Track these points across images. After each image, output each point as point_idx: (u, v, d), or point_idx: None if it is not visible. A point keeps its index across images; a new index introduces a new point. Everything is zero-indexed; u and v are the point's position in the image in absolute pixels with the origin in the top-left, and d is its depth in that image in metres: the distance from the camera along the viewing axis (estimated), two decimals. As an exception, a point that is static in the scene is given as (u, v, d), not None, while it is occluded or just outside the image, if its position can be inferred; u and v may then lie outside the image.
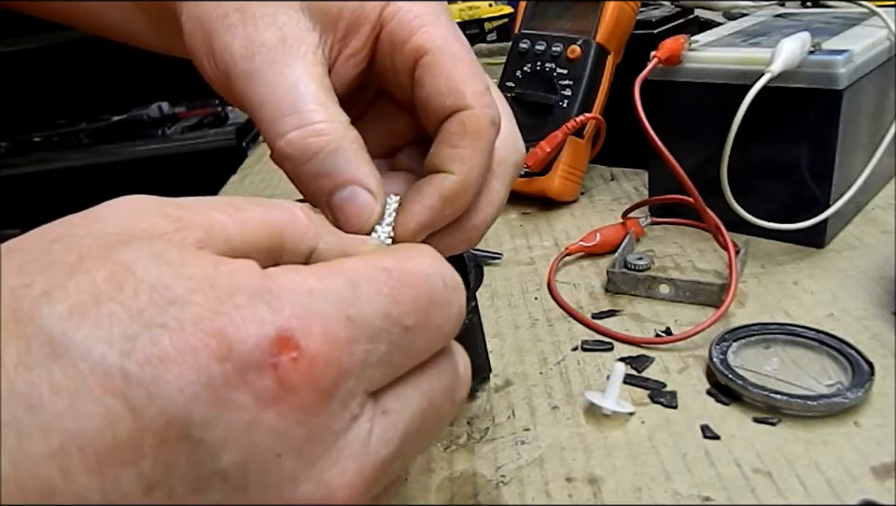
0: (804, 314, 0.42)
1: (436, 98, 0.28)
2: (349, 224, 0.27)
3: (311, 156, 0.26)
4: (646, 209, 0.56)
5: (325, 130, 0.26)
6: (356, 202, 0.26)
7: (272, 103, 0.26)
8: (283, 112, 0.26)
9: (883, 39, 0.50)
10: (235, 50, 0.27)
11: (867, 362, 0.36)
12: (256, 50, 0.27)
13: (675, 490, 0.31)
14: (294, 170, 0.26)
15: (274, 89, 0.26)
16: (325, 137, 0.26)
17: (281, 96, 0.26)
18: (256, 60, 0.27)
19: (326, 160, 0.26)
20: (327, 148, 0.26)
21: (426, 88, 0.28)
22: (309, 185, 0.27)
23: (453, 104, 0.28)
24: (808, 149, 0.48)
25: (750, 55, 0.48)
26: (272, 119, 0.26)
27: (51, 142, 1.93)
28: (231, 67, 0.27)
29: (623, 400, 0.36)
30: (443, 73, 0.28)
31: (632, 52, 0.60)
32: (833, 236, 0.50)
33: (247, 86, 0.27)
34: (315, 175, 0.26)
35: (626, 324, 0.44)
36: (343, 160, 0.26)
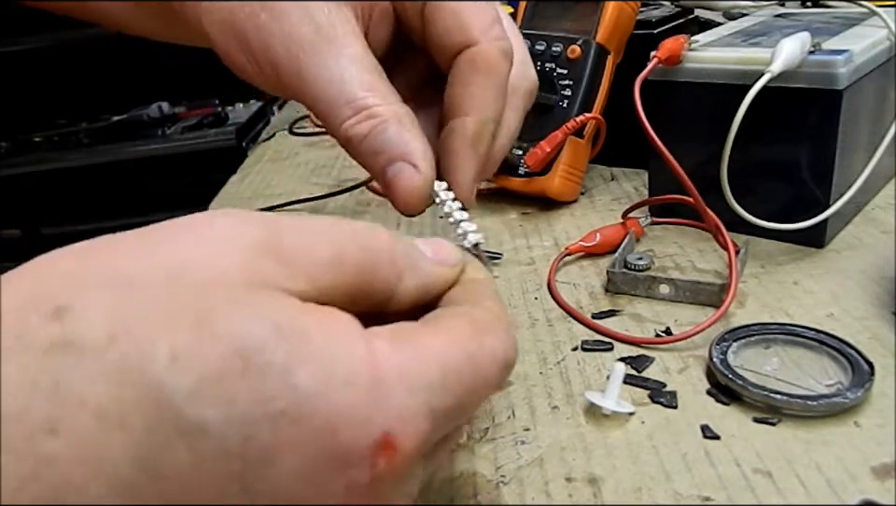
0: (804, 314, 0.42)
1: (444, 35, 0.29)
2: (398, 197, 0.29)
3: (364, 136, 0.28)
4: (646, 209, 0.56)
5: (376, 112, 0.28)
6: (403, 176, 0.28)
7: (325, 98, 0.28)
8: (337, 104, 0.28)
9: (883, 39, 0.50)
10: (278, 51, 0.28)
11: (867, 362, 0.36)
12: (297, 49, 0.28)
13: (675, 490, 0.31)
14: (355, 150, 0.29)
15: (324, 84, 0.28)
16: (375, 119, 0.28)
17: (333, 90, 0.28)
18: (300, 58, 0.28)
19: (377, 138, 0.28)
20: (377, 127, 0.28)
21: (435, 25, 0.29)
22: (367, 161, 0.29)
23: (460, 40, 0.29)
24: (808, 149, 0.48)
25: (750, 55, 0.48)
26: (328, 112, 0.28)
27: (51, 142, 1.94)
28: (277, 66, 0.28)
29: (623, 400, 0.36)
30: (450, 8, 0.29)
31: (632, 52, 0.60)
32: (833, 236, 0.50)
33: (298, 84, 0.28)
34: (370, 152, 0.28)
35: (626, 324, 0.44)
36: (392, 138, 0.28)
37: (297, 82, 0.28)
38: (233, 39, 0.29)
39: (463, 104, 0.29)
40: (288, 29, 0.28)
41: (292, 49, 0.28)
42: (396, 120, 0.28)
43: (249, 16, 0.28)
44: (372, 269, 0.22)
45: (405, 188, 0.28)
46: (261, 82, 0.30)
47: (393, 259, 0.22)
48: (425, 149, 0.28)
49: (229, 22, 0.29)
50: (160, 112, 1.98)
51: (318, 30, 0.28)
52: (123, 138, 1.91)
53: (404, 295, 0.23)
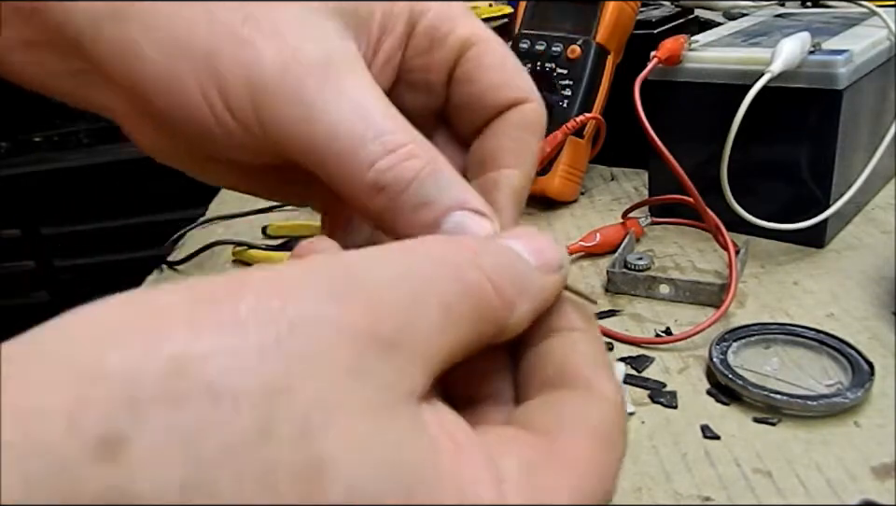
0: (804, 314, 0.42)
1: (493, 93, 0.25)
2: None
3: (408, 183, 0.21)
4: (646, 209, 0.56)
5: (416, 151, 0.21)
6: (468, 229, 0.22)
7: (344, 131, 0.21)
8: (363, 139, 0.21)
9: (883, 39, 0.50)
10: (271, 68, 0.21)
11: (867, 362, 0.36)
12: (302, 70, 0.21)
13: (675, 490, 0.31)
14: (388, 203, 0.22)
15: (342, 113, 0.21)
16: (419, 160, 0.21)
17: (353, 121, 0.21)
18: (305, 81, 0.21)
19: (424, 185, 0.21)
20: (424, 172, 0.21)
21: (477, 83, 0.25)
22: (406, 219, 0.22)
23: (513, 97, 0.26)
24: (808, 149, 0.48)
25: (750, 55, 0.48)
26: (349, 150, 0.21)
27: (51, 142, 1.93)
28: (263, 92, 0.21)
29: (624, 400, 0.36)
30: (496, 65, 0.25)
31: (632, 52, 0.60)
32: (833, 236, 0.50)
33: (302, 115, 0.21)
34: (414, 205, 0.22)
35: (626, 324, 0.44)
36: (443, 183, 0.22)
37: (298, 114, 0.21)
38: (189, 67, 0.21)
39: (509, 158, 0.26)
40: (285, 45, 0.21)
41: (294, 69, 0.21)
42: (444, 163, 0.22)
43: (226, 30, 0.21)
44: (481, 314, 0.17)
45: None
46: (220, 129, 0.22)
47: (501, 288, 0.18)
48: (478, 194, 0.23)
49: (184, 43, 0.21)
50: (160, 112, 1.98)
51: (327, 54, 0.22)
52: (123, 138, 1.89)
53: (517, 327, 0.19)
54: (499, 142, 0.26)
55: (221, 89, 0.21)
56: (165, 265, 0.59)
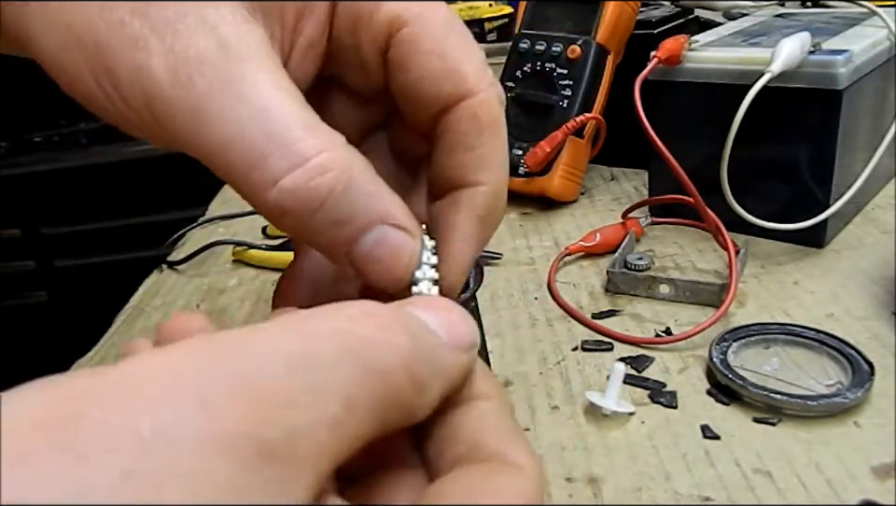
0: (804, 314, 0.42)
1: (429, 84, 0.22)
2: (386, 274, 0.20)
3: (319, 203, 0.19)
4: (646, 209, 0.56)
5: (328, 163, 0.19)
6: (388, 244, 0.20)
7: (240, 142, 0.18)
8: (262, 151, 0.18)
9: (883, 39, 0.50)
10: (157, 73, 0.18)
11: (867, 362, 0.36)
12: (192, 70, 0.18)
13: (675, 490, 0.31)
14: (297, 223, 0.19)
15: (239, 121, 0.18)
16: (331, 173, 0.19)
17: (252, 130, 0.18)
18: (197, 84, 0.18)
19: (339, 202, 0.19)
20: (338, 187, 0.19)
21: (412, 71, 0.22)
22: (322, 237, 0.20)
23: (453, 90, 0.22)
24: (808, 149, 0.48)
25: (750, 55, 0.48)
26: (246, 164, 0.18)
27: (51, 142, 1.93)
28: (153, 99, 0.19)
29: (623, 400, 0.36)
30: (432, 49, 0.21)
31: (632, 52, 0.60)
32: (833, 236, 0.50)
33: (192, 124, 0.18)
34: (329, 224, 0.19)
35: (626, 324, 0.44)
36: (359, 196, 0.19)
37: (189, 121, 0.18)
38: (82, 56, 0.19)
39: (471, 170, 0.22)
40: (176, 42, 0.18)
41: (183, 69, 0.18)
42: (358, 170, 0.19)
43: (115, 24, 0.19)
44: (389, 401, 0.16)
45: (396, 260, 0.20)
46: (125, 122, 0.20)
47: (411, 371, 0.16)
48: (402, 203, 0.21)
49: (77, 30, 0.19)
50: (160, 112, 1.99)
51: (225, 46, 0.19)
52: (123, 138, 1.90)
53: (426, 410, 0.17)
54: (453, 154, 0.22)
55: (115, 85, 0.19)
56: (165, 265, 0.59)
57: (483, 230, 0.23)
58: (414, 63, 0.22)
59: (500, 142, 0.23)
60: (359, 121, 0.25)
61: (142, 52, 0.19)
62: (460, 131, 0.22)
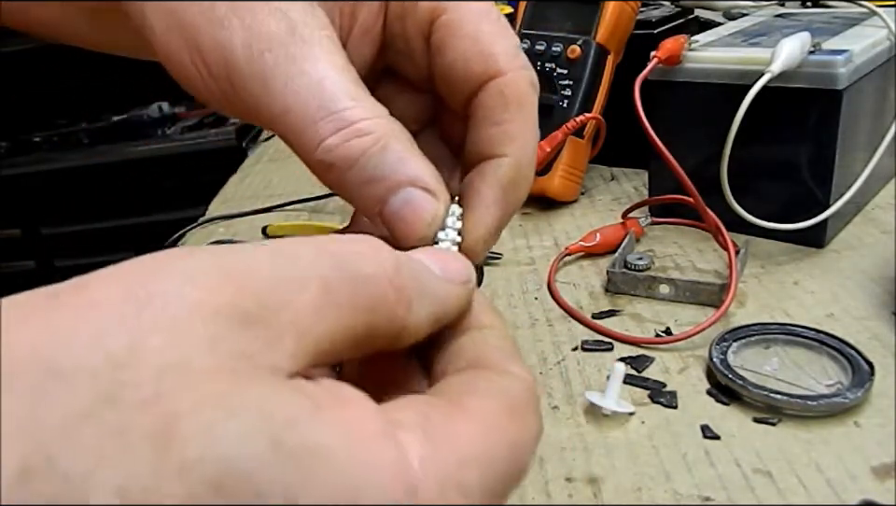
0: (804, 314, 0.42)
1: (462, 65, 0.24)
2: (410, 232, 0.23)
3: (355, 161, 0.22)
4: (646, 209, 0.56)
5: (367, 128, 0.22)
6: (414, 205, 0.22)
7: (298, 108, 0.22)
8: (314, 117, 0.22)
9: (883, 39, 0.50)
10: (237, 49, 0.22)
11: (867, 362, 0.36)
12: (264, 47, 0.22)
13: (675, 490, 0.31)
14: (338, 179, 0.23)
15: (298, 91, 0.22)
16: (369, 136, 0.22)
17: (307, 99, 0.22)
18: (266, 58, 0.22)
19: (372, 162, 0.22)
20: (372, 149, 0.22)
21: (448, 54, 0.24)
22: (358, 194, 0.23)
23: (483, 70, 0.24)
24: (808, 149, 0.48)
25: (750, 55, 0.48)
26: (301, 126, 0.22)
27: (51, 142, 1.94)
28: (232, 70, 0.22)
29: (623, 400, 0.36)
30: (467, 33, 0.24)
31: (632, 52, 0.60)
32: (833, 236, 0.50)
33: (261, 92, 0.22)
34: (364, 181, 0.22)
35: (626, 324, 0.44)
36: (392, 159, 0.22)
37: (258, 89, 0.22)
38: (180, 36, 0.23)
39: (496, 144, 0.25)
40: (253, 23, 0.22)
41: (257, 45, 0.22)
42: (394, 137, 0.22)
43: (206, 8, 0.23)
44: (372, 303, 0.17)
45: (419, 219, 0.22)
46: (209, 94, 0.24)
47: (397, 284, 0.18)
48: (434, 170, 0.23)
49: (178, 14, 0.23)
50: (160, 112, 1.99)
51: (293, 28, 0.22)
52: (123, 138, 1.91)
53: (416, 328, 0.19)
54: (481, 128, 0.25)
55: (204, 60, 0.23)
56: (165, 265, 0.59)
57: (505, 199, 0.25)
58: (451, 47, 0.24)
59: (526, 119, 0.25)
60: (415, 112, 0.28)
61: (226, 31, 0.22)
62: (488, 106, 0.24)
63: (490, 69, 0.24)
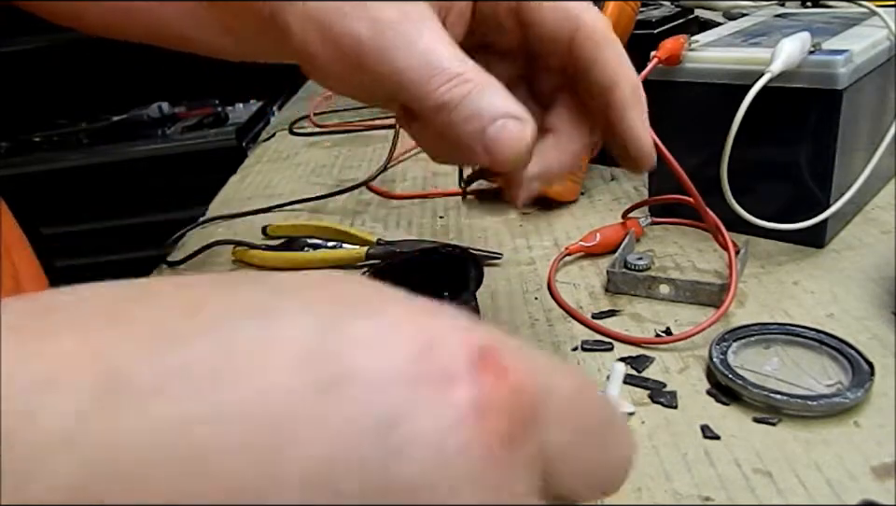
0: (804, 314, 0.42)
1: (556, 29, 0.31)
2: (503, 153, 0.28)
3: (460, 100, 0.28)
4: (646, 209, 0.56)
5: (469, 77, 0.28)
6: (507, 131, 0.28)
7: (413, 70, 0.28)
8: (428, 74, 0.28)
9: (883, 39, 0.50)
10: (363, 32, 0.29)
11: (867, 362, 0.36)
12: (383, 29, 0.29)
13: (675, 490, 0.31)
14: (447, 118, 0.28)
15: (413, 57, 0.28)
16: (470, 83, 0.28)
17: (421, 63, 0.28)
18: (387, 36, 0.28)
19: (474, 100, 0.28)
20: (474, 91, 0.28)
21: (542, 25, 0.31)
22: (463, 128, 0.28)
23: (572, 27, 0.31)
24: (808, 149, 0.48)
25: (750, 55, 0.48)
26: (418, 82, 0.28)
27: (51, 142, 1.94)
28: (360, 48, 0.29)
29: (623, 400, 0.36)
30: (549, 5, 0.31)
31: (632, 52, 0.60)
32: (833, 236, 0.50)
33: (385, 62, 0.29)
34: (468, 116, 0.28)
35: (626, 324, 0.44)
36: (490, 97, 0.28)
37: (381, 57, 0.29)
38: (317, 31, 0.30)
39: (609, 76, 0.31)
40: (374, 13, 0.29)
41: (379, 27, 0.29)
42: (492, 85, 0.28)
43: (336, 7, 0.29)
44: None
45: (512, 139, 0.28)
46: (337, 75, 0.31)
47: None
48: (522, 106, 0.28)
49: (313, 15, 0.30)
50: (160, 112, 1.99)
51: (406, 14, 0.29)
52: (123, 138, 1.91)
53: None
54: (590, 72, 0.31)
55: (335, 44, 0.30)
56: (165, 265, 0.59)
57: (640, 111, 0.32)
58: (539, 19, 0.31)
59: (618, 50, 0.31)
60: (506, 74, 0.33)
61: (355, 21, 0.29)
62: (585, 54, 0.31)
63: (574, 24, 0.30)
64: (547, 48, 0.32)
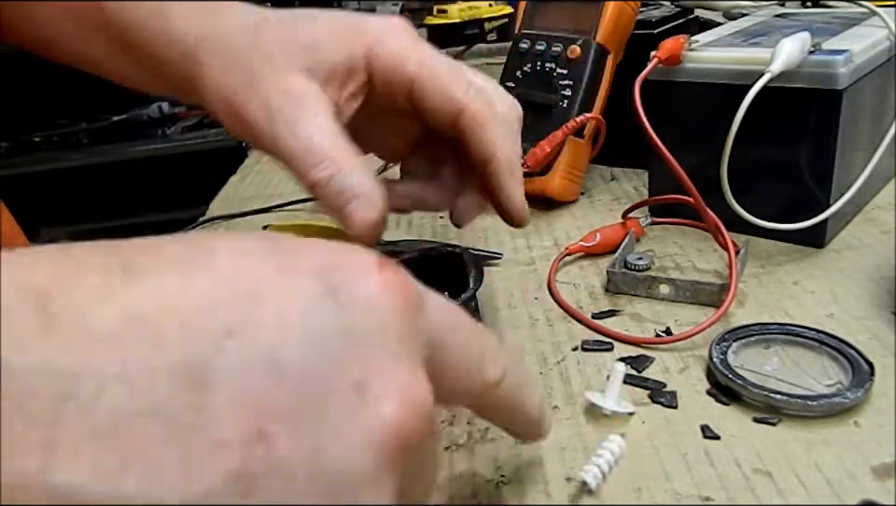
0: (804, 314, 0.42)
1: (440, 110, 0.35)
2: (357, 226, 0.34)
3: (327, 180, 0.33)
4: (646, 209, 0.56)
5: (337, 161, 0.33)
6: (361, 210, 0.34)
7: (296, 153, 0.34)
8: (306, 159, 0.33)
9: (883, 39, 0.50)
10: (259, 116, 0.34)
11: (867, 362, 0.36)
12: (273, 119, 0.34)
13: (675, 490, 0.31)
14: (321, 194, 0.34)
15: (297, 144, 0.33)
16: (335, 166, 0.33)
17: (304, 147, 0.33)
18: (277, 125, 0.34)
19: (339, 182, 0.33)
20: (338, 174, 0.33)
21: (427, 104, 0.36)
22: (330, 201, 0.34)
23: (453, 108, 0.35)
24: (808, 149, 0.48)
25: (750, 55, 0.48)
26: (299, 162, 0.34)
27: (51, 142, 1.93)
28: (258, 132, 0.34)
29: (623, 400, 0.36)
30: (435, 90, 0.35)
31: (632, 52, 0.60)
32: (833, 236, 0.50)
33: (275, 146, 0.34)
34: (333, 194, 0.34)
35: (626, 324, 0.44)
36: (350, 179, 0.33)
37: (273, 144, 0.34)
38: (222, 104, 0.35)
39: (486, 151, 0.36)
40: (267, 104, 0.34)
41: (270, 118, 0.34)
42: (353, 168, 0.34)
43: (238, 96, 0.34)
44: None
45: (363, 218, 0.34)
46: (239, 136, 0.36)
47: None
48: (380, 191, 0.34)
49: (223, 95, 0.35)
50: (160, 112, 1.98)
51: (293, 102, 0.34)
52: (123, 138, 1.91)
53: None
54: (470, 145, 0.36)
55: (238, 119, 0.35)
56: (165, 265, 0.59)
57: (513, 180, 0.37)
58: (428, 106, 0.35)
59: (494, 127, 0.36)
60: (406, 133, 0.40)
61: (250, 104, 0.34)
62: (466, 131, 0.36)
63: (458, 107, 0.35)
64: (436, 123, 0.36)
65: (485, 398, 0.24)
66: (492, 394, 0.24)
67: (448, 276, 0.39)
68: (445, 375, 0.21)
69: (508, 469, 0.33)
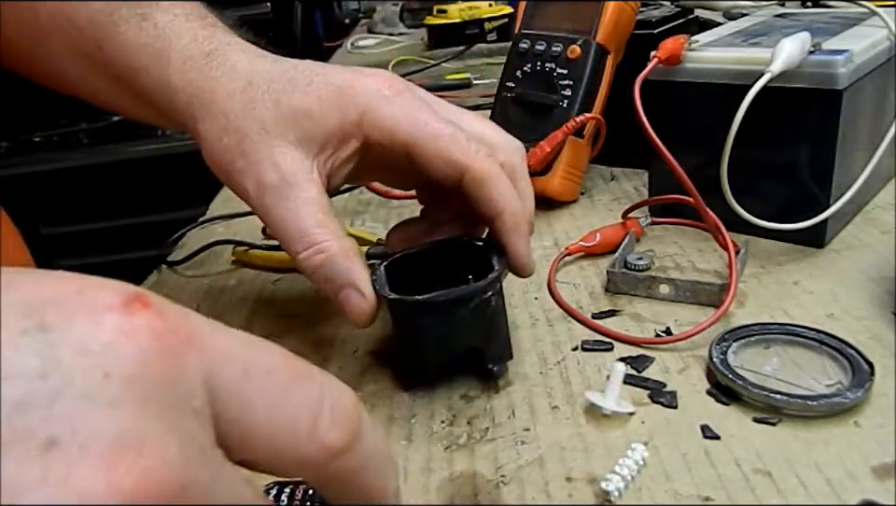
0: (804, 314, 0.42)
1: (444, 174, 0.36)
2: (351, 317, 0.35)
3: (317, 267, 0.35)
4: (646, 209, 0.56)
5: (325, 247, 0.35)
6: (351, 300, 0.35)
7: (285, 231, 0.35)
8: (294, 238, 0.35)
9: (883, 39, 0.50)
10: (250, 189, 0.36)
11: (867, 362, 0.36)
12: (263, 192, 0.35)
13: (675, 490, 0.31)
14: (310, 277, 0.35)
15: (285, 220, 0.35)
16: (324, 253, 0.35)
17: (291, 226, 0.35)
18: (266, 199, 0.35)
19: (327, 269, 0.35)
20: (327, 262, 0.35)
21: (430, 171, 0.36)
22: (321, 286, 0.36)
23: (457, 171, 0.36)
24: (808, 149, 0.48)
25: (750, 55, 0.48)
26: (287, 243, 0.35)
27: (51, 142, 1.93)
28: (248, 200, 0.36)
29: (623, 400, 0.36)
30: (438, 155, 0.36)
31: (632, 52, 0.60)
32: (833, 236, 0.50)
33: (265, 217, 0.36)
34: (323, 280, 0.35)
35: (626, 324, 0.44)
36: (340, 269, 0.35)
37: (263, 215, 0.35)
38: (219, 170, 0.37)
39: (491, 210, 0.36)
40: (258, 174, 0.35)
41: (259, 190, 0.35)
42: (343, 254, 0.34)
43: (233, 161, 0.36)
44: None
45: (353, 309, 0.35)
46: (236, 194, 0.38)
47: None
48: (367, 278, 0.35)
49: (217, 157, 0.36)
50: (160, 112, 1.98)
51: (283, 178, 0.35)
52: (123, 138, 1.91)
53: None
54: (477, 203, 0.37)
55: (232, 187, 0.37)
56: (165, 265, 0.59)
57: (519, 236, 0.38)
58: (430, 168, 0.36)
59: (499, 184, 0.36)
60: (407, 176, 0.40)
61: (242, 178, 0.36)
62: (471, 191, 0.36)
63: (461, 170, 0.36)
64: (439, 182, 0.37)
65: (325, 468, 0.19)
66: (333, 465, 0.19)
67: (472, 264, 0.39)
68: (255, 432, 0.18)
69: (508, 469, 0.33)
